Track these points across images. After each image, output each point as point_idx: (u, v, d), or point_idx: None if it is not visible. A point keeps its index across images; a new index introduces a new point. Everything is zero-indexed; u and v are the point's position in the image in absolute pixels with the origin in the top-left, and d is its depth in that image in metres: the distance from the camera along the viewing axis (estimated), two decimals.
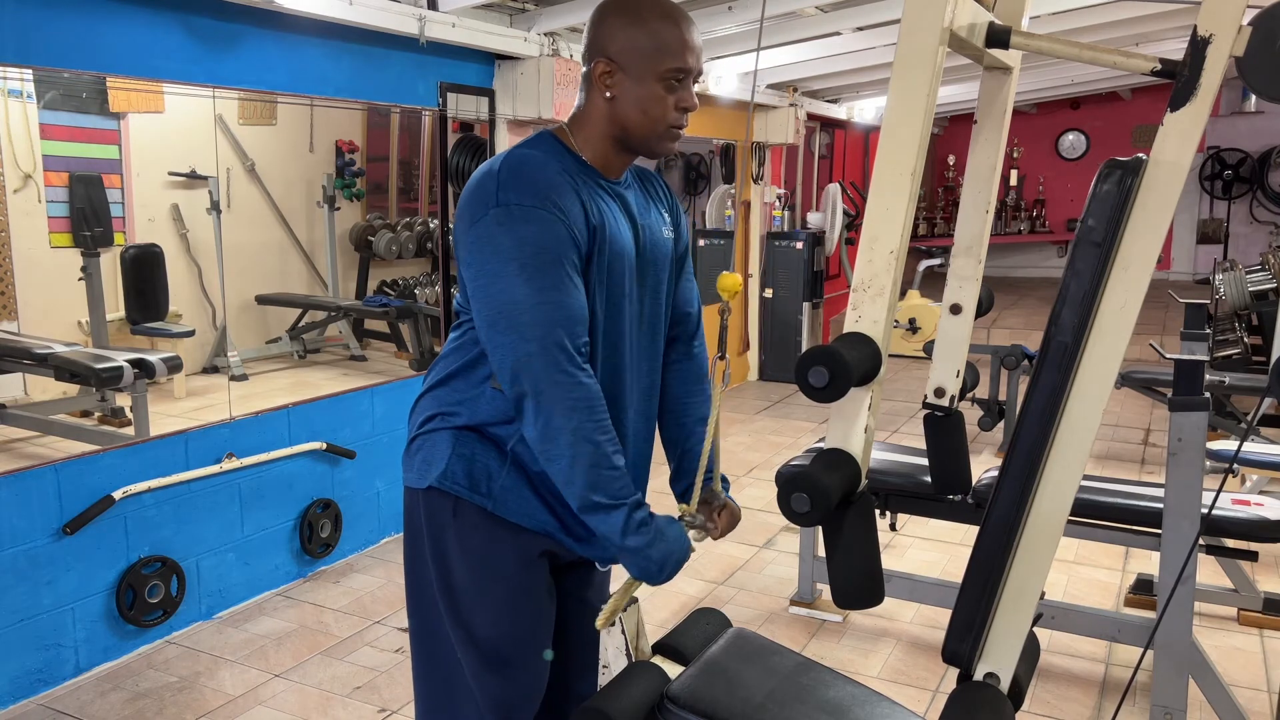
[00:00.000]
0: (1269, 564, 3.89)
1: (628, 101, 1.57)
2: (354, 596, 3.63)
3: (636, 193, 1.71)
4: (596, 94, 1.59)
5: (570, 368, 1.47)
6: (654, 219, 1.72)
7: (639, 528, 1.52)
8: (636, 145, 1.62)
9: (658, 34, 1.55)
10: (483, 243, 1.50)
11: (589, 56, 1.59)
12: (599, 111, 1.60)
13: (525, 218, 1.47)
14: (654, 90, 1.56)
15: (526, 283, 1.46)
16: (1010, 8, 1.82)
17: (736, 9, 4.48)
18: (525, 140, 1.63)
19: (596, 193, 1.59)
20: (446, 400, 1.67)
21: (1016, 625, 1.50)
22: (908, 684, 3.01)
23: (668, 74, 1.56)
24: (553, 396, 1.47)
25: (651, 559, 1.53)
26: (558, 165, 1.56)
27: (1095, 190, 1.45)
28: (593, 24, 1.60)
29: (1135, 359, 6.43)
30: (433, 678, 1.75)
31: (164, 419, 3.53)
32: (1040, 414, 1.46)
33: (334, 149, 4.86)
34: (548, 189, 1.50)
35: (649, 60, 1.55)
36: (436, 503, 1.65)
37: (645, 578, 1.56)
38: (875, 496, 3.17)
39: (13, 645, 2.85)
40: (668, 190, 1.82)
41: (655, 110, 1.57)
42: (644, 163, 1.79)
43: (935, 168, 11.89)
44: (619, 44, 1.56)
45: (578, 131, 1.63)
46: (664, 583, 1.57)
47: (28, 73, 3.12)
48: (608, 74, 1.57)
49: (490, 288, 1.50)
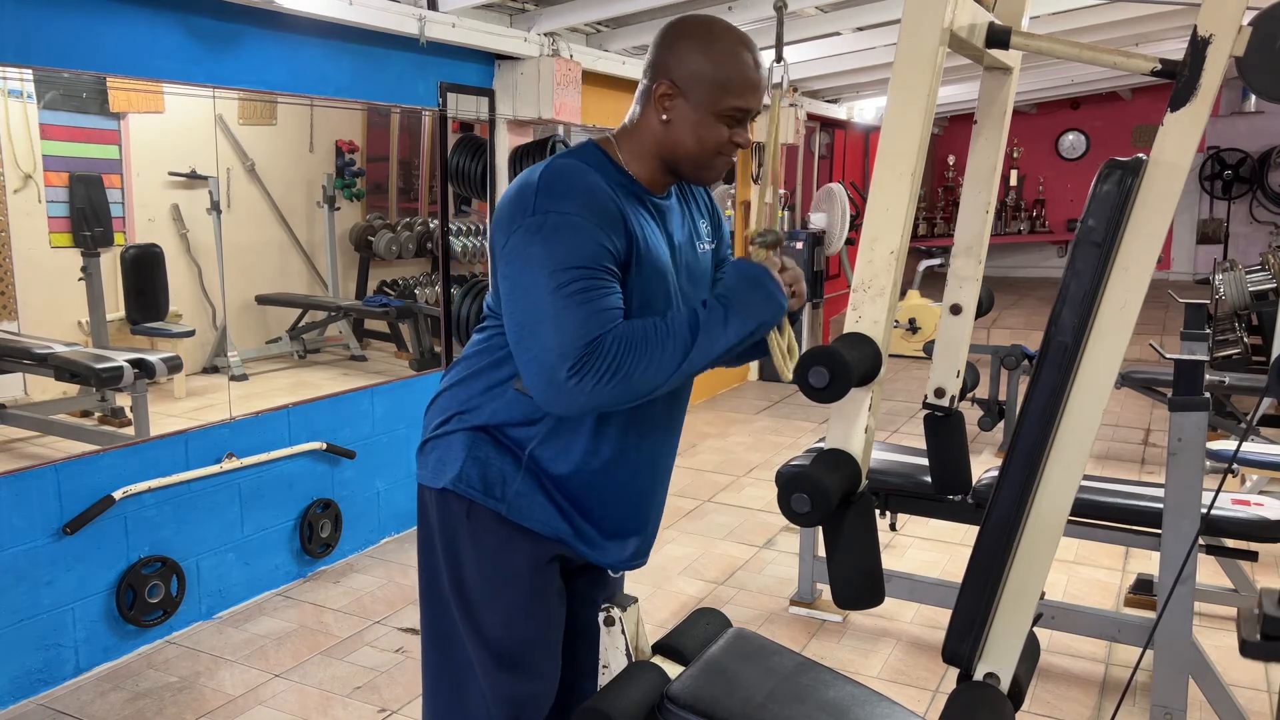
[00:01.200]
0: (1269, 564, 3.89)
1: (683, 128, 1.55)
2: (354, 596, 3.63)
3: (677, 205, 1.69)
4: (652, 113, 1.57)
5: (587, 363, 1.42)
6: (691, 234, 1.70)
7: (724, 321, 1.48)
8: (684, 171, 1.61)
9: (726, 69, 1.53)
10: (517, 251, 1.48)
11: (652, 74, 1.57)
12: (651, 131, 1.58)
13: (559, 226, 1.45)
14: (710, 122, 1.55)
15: (554, 292, 1.44)
16: (1010, 8, 1.82)
17: (736, 9, 4.48)
18: (568, 149, 1.61)
19: (638, 208, 1.57)
20: (466, 399, 1.66)
21: (1016, 625, 1.50)
22: (908, 684, 3.01)
23: (729, 111, 1.54)
24: (591, 399, 1.44)
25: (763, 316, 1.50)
26: (599, 177, 1.53)
27: (1095, 190, 1.45)
28: (662, 41, 1.58)
29: (1135, 359, 6.43)
30: (443, 676, 1.75)
31: (164, 419, 3.52)
32: (1040, 414, 1.46)
33: (334, 149, 4.86)
34: (586, 199, 1.47)
35: (713, 94, 1.53)
36: (451, 504, 1.66)
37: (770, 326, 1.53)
38: (875, 496, 3.18)
39: (13, 645, 2.85)
40: (709, 198, 1.80)
41: (709, 143, 1.56)
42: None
43: (935, 168, 11.89)
44: (685, 71, 1.54)
45: (625, 145, 1.61)
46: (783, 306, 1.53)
47: (28, 73, 3.12)
48: (668, 96, 1.55)
49: (521, 297, 1.48)
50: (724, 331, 1.47)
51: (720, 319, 1.48)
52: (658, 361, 1.45)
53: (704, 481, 5.09)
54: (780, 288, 1.53)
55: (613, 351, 1.43)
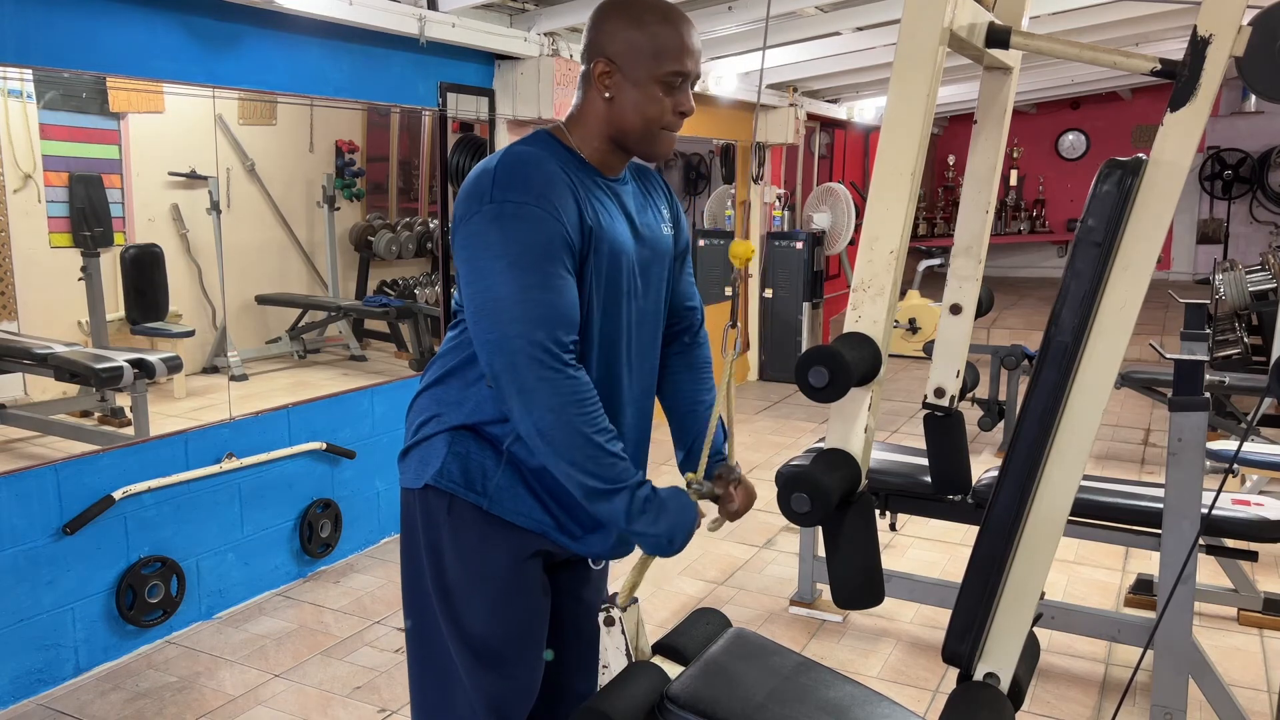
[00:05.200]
0: (1269, 564, 3.89)
1: (625, 102, 1.58)
2: (354, 596, 3.63)
3: (635, 190, 1.72)
4: (594, 93, 1.60)
5: (555, 364, 1.46)
6: (652, 216, 1.73)
7: (644, 506, 1.52)
8: (632, 146, 1.63)
9: (657, 36, 1.55)
10: (474, 238, 1.51)
11: (588, 56, 1.60)
12: (596, 111, 1.61)
13: (516, 214, 1.48)
14: (652, 92, 1.57)
15: (514, 280, 1.47)
16: (1010, 8, 1.82)
17: (736, 9, 4.48)
18: (522, 139, 1.63)
19: (593, 191, 1.60)
20: (443, 399, 1.67)
21: (1016, 625, 1.50)
22: (908, 684, 3.01)
23: (666, 77, 1.56)
24: (539, 393, 1.46)
25: (660, 536, 1.54)
26: (555, 163, 1.55)
27: (1095, 190, 1.45)
28: (592, 24, 1.61)
29: (1135, 359, 6.43)
30: (427, 675, 1.76)
31: (164, 419, 3.53)
32: (1040, 414, 1.46)
33: (334, 149, 4.86)
34: (542, 186, 1.50)
35: (648, 62, 1.56)
36: (432, 501, 1.66)
37: (658, 553, 1.58)
38: (875, 496, 3.17)
39: (13, 645, 2.85)
40: (666, 187, 1.82)
41: (652, 112, 1.58)
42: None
43: (935, 168, 11.89)
44: (618, 45, 1.56)
45: (575, 130, 1.64)
46: (678, 553, 1.58)
47: (28, 73, 3.12)
48: (606, 74, 1.57)
49: (478, 283, 1.50)
50: (626, 521, 1.51)
51: (636, 510, 1.51)
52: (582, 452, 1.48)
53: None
54: (685, 540, 1.57)
55: (581, 389, 1.48)
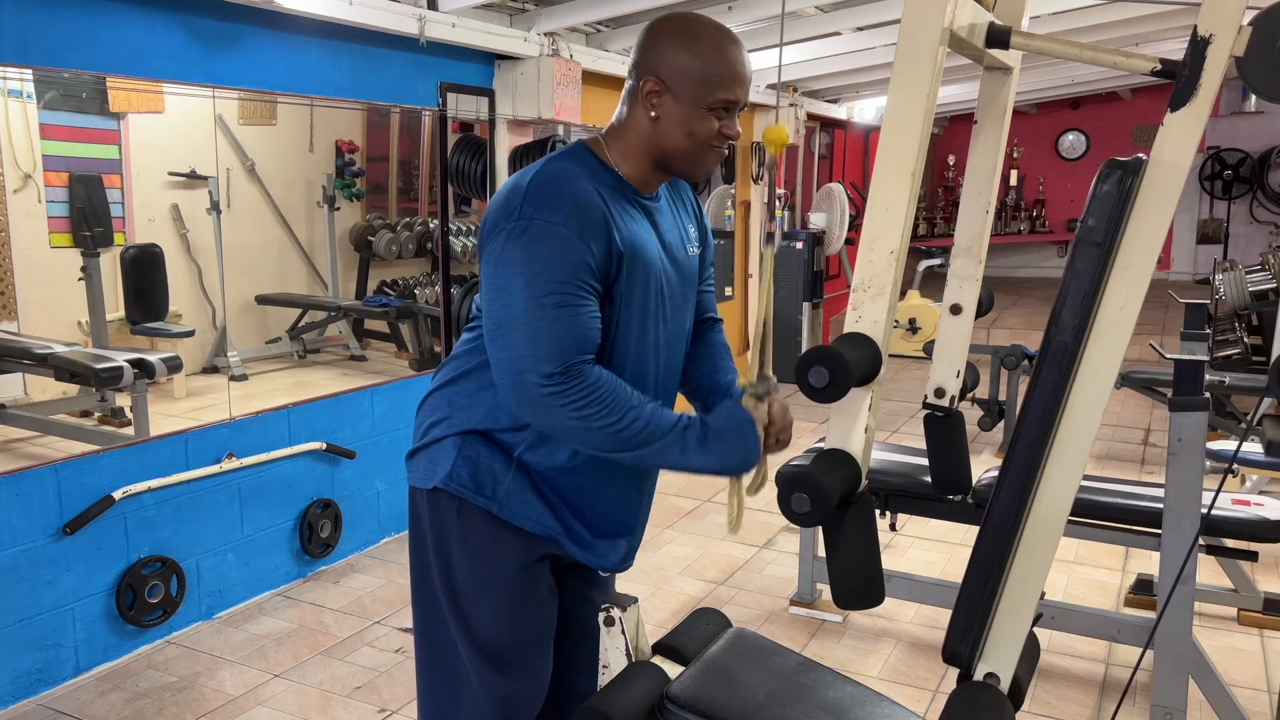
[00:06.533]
0: (1269, 564, 3.89)
1: (671, 124, 1.56)
2: (354, 596, 3.63)
3: (667, 206, 1.70)
4: (640, 111, 1.58)
5: (562, 383, 1.46)
6: (680, 237, 1.71)
7: (698, 445, 1.52)
8: (674, 167, 1.61)
9: (711, 63, 1.54)
10: (498, 253, 1.50)
11: (638, 72, 1.58)
12: (640, 129, 1.59)
13: (543, 233, 1.46)
14: (700, 117, 1.55)
15: (530, 299, 1.46)
16: (1010, 8, 1.82)
17: (736, 9, 4.48)
18: (558, 152, 1.61)
19: (627, 210, 1.58)
20: (455, 401, 1.67)
21: (1016, 625, 1.50)
22: (908, 684, 3.01)
23: (716, 104, 1.55)
24: (557, 417, 1.48)
25: (729, 461, 1.55)
26: (590, 182, 1.53)
27: (1095, 190, 1.45)
28: (647, 40, 1.59)
29: (1135, 359, 6.42)
30: (436, 676, 1.76)
31: (164, 419, 3.52)
32: (1040, 414, 1.46)
33: (334, 149, 4.86)
34: (572, 207, 1.48)
35: (699, 88, 1.54)
36: (441, 503, 1.66)
37: (736, 474, 1.59)
38: (875, 496, 3.18)
39: (13, 645, 2.85)
40: (697, 204, 1.81)
41: (699, 137, 1.57)
42: None
43: (935, 168, 11.88)
44: (671, 66, 1.55)
45: (614, 144, 1.62)
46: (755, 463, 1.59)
47: (28, 73, 3.12)
48: (655, 93, 1.56)
49: (497, 299, 1.50)
50: (692, 454, 1.52)
51: (696, 441, 1.52)
52: (620, 431, 1.48)
53: (704, 481, 5.08)
54: (758, 444, 1.57)
55: (593, 390, 1.47)
